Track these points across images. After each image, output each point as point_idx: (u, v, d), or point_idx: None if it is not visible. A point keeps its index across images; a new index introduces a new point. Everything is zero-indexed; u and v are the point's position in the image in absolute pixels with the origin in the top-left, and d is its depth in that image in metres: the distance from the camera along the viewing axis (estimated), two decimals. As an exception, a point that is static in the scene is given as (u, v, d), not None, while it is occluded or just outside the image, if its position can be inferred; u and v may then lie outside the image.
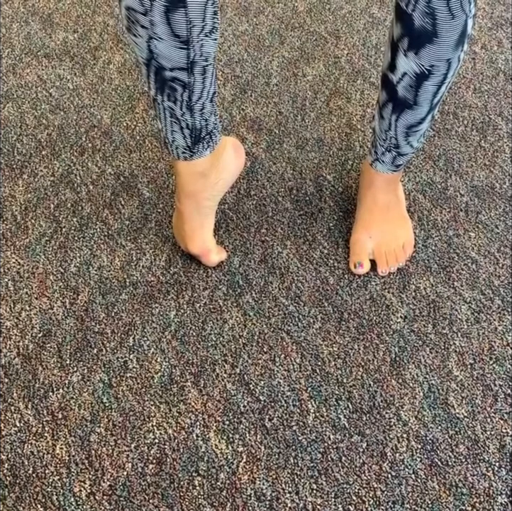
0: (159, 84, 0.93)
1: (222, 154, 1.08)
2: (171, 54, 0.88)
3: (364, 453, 0.99)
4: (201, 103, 0.96)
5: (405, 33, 0.93)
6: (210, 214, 1.12)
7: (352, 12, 1.65)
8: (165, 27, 0.84)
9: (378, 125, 1.10)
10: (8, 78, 1.48)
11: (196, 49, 0.88)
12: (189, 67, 0.90)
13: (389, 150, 1.10)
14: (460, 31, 0.91)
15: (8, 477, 0.96)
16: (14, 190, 1.28)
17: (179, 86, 0.93)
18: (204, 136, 1.01)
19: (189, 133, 1.00)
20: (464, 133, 1.39)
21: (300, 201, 1.27)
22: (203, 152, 1.03)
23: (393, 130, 1.07)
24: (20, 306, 1.13)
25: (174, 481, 0.96)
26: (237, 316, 1.12)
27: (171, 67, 0.90)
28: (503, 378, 1.06)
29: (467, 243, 1.21)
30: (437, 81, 0.97)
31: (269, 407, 1.03)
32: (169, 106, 0.96)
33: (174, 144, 1.02)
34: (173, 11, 0.82)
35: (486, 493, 0.95)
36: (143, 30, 0.85)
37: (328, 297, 1.14)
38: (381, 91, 1.05)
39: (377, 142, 1.12)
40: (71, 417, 1.01)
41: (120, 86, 1.47)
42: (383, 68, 1.03)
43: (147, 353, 1.08)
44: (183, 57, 0.89)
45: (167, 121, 0.99)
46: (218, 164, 1.07)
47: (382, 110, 1.06)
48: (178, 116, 0.97)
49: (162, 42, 0.86)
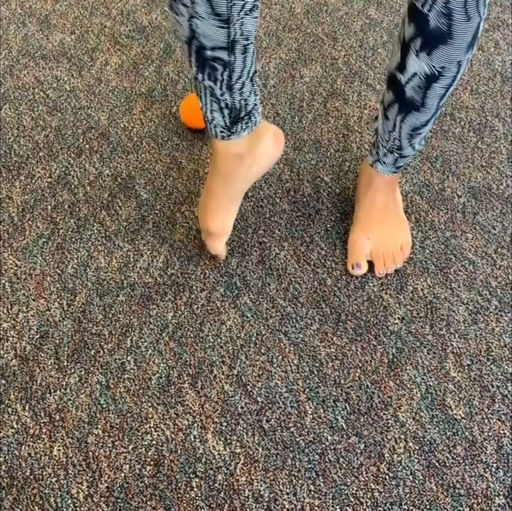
0: (200, 63, 0.93)
1: (261, 139, 1.07)
2: (211, 33, 0.87)
3: (361, 455, 0.99)
4: (241, 82, 0.96)
5: (418, 33, 0.92)
6: (238, 199, 1.10)
7: (349, 14, 1.65)
8: (206, 5, 0.84)
9: (381, 126, 1.09)
10: (5, 79, 1.48)
11: (236, 28, 0.88)
12: (230, 46, 0.90)
13: (392, 151, 1.10)
14: (473, 33, 0.91)
15: (6, 479, 0.96)
16: (11, 191, 1.28)
17: (220, 66, 0.92)
18: (243, 117, 1.00)
19: (228, 112, 0.99)
20: (461, 134, 1.39)
21: (297, 202, 1.28)
22: (241, 132, 1.02)
23: (397, 131, 1.06)
24: (17, 308, 1.13)
25: (171, 483, 0.96)
26: (234, 318, 1.12)
27: (212, 46, 0.89)
28: (501, 379, 1.06)
29: (464, 244, 1.21)
30: (447, 84, 0.97)
31: (267, 408, 1.03)
32: (210, 85, 0.95)
33: (213, 123, 1.01)
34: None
35: (484, 494, 0.95)
36: (184, 9, 0.85)
37: (326, 298, 1.14)
38: (387, 92, 1.04)
39: (379, 143, 1.11)
40: (68, 419, 1.01)
41: (117, 88, 1.47)
42: (390, 68, 1.02)
43: (144, 355, 1.08)
44: (224, 36, 0.88)
45: (207, 100, 0.98)
46: (256, 148, 1.06)
47: (387, 110, 1.06)
48: (218, 96, 0.97)
49: (203, 21, 0.86)
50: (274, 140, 1.09)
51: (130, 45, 1.56)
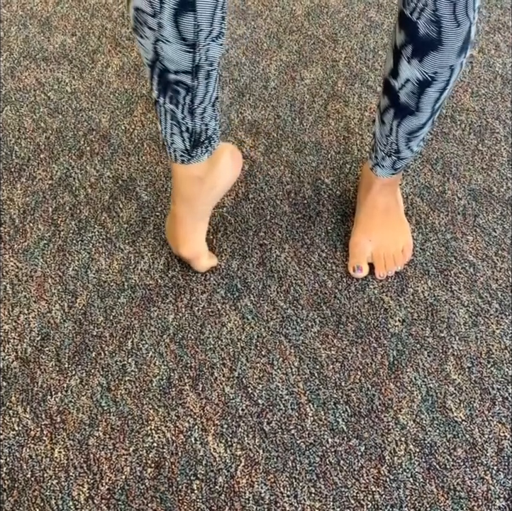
0: (162, 86, 0.93)
1: (219, 160, 1.08)
2: (176, 57, 0.88)
3: (362, 457, 0.99)
4: (202, 107, 0.97)
5: (409, 40, 0.93)
6: (204, 219, 1.12)
7: (350, 15, 1.65)
8: (173, 30, 0.84)
9: (378, 130, 1.10)
10: (6, 81, 1.48)
11: (201, 53, 0.88)
12: (194, 71, 0.91)
13: (389, 154, 1.10)
14: (464, 38, 0.91)
15: (7, 481, 0.96)
16: (12, 193, 1.28)
17: (182, 90, 0.93)
18: (203, 141, 1.02)
19: (188, 136, 1.00)
20: (461, 136, 1.39)
21: (298, 204, 1.28)
22: (201, 156, 1.03)
23: (394, 135, 1.07)
24: (18, 310, 1.13)
25: (172, 485, 0.96)
26: (235, 320, 1.12)
27: (175, 70, 0.90)
28: (501, 382, 1.06)
29: (465, 247, 1.22)
30: (440, 88, 0.97)
31: (268, 410, 1.03)
32: (171, 108, 0.96)
33: (172, 147, 1.02)
34: (182, 14, 0.82)
35: (485, 497, 0.95)
36: (150, 32, 0.85)
37: (326, 300, 1.15)
38: (383, 97, 1.05)
39: (377, 147, 1.12)
40: (69, 421, 1.01)
41: (118, 90, 1.47)
42: (385, 74, 1.02)
43: (145, 357, 1.08)
44: (188, 61, 0.89)
45: (167, 124, 0.99)
46: (215, 169, 1.07)
47: (383, 115, 1.06)
48: (179, 119, 0.98)
49: (169, 45, 0.86)
50: (231, 160, 1.10)
51: (131, 47, 1.57)
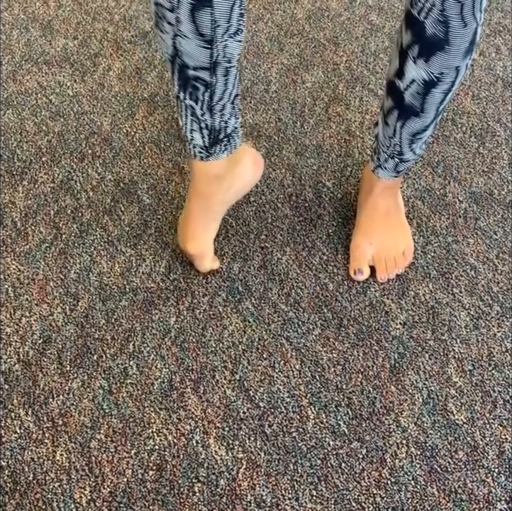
0: (182, 82, 0.93)
1: (240, 162, 1.07)
2: (194, 52, 0.88)
3: (363, 460, 0.99)
4: (221, 104, 0.96)
5: (415, 40, 0.93)
6: (217, 219, 1.12)
7: (351, 19, 1.66)
8: (190, 25, 0.85)
9: (382, 132, 1.10)
10: (8, 85, 1.49)
11: (219, 49, 0.88)
12: (212, 67, 0.91)
13: (392, 156, 1.11)
14: (470, 39, 0.91)
15: (9, 484, 0.96)
16: (14, 197, 1.29)
17: (201, 86, 0.93)
18: (222, 138, 1.01)
19: (208, 133, 1.00)
20: (462, 139, 1.40)
21: (299, 207, 1.28)
22: (220, 154, 1.03)
23: (397, 137, 1.07)
24: (20, 313, 1.13)
25: (174, 488, 0.96)
26: (236, 323, 1.12)
27: (194, 66, 0.90)
28: (502, 384, 1.06)
29: (466, 250, 1.22)
30: (445, 89, 0.98)
31: (269, 413, 1.03)
32: (191, 104, 0.96)
33: (192, 143, 1.02)
34: (199, 9, 0.83)
35: (486, 499, 0.96)
36: (169, 27, 0.86)
37: (328, 303, 1.15)
38: (387, 98, 1.05)
39: (380, 149, 1.12)
40: (71, 424, 1.02)
41: (120, 93, 1.48)
42: (389, 75, 1.03)
43: (147, 360, 1.08)
44: (206, 57, 0.89)
45: (187, 119, 0.99)
46: (234, 170, 1.07)
47: (387, 117, 1.06)
48: (198, 116, 0.97)
49: (187, 40, 0.87)
50: (252, 163, 1.10)
51: (133, 50, 1.57)
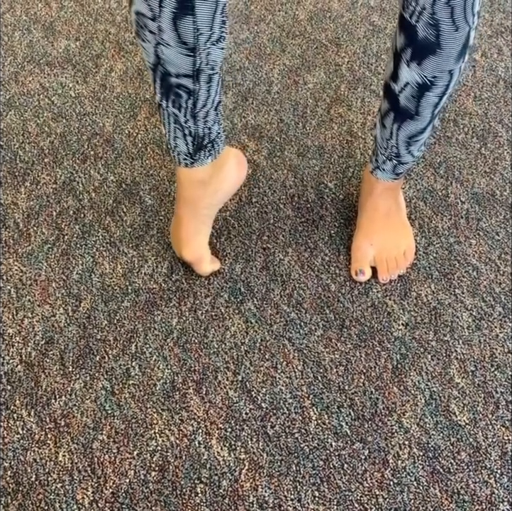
0: (164, 90, 0.94)
1: (224, 164, 1.08)
2: (177, 60, 0.88)
3: (366, 461, 0.99)
4: (205, 111, 0.97)
5: (408, 43, 0.93)
6: (208, 222, 1.12)
7: (353, 20, 1.66)
8: (173, 33, 0.85)
9: (379, 134, 1.10)
10: (10, 86, 1.49)
11: (202, 57, 0.88)
12: (195, 75, 0.91)
13: (390, 158, 1.11)
14: (463, 43, 0.91)
15: (11, 485, 0.96)
16: (16, 198, 1.29)
17: (184, 93, 0.93)
18: (206, 144, 1.02)
19: (191, 140, 1.00)
20: (464, 140, 1.40)
21: (301, 208, 1.28)
22: (205, 160, 1.04)
23: (394, 139, 1.07)
24: (22, 314, 1.13)
25: (176, 488, 0.96)
26: (238, 324, 1.12)
27: (176, 74, 0.90)
28: (505, 385, 1.06)
29: (468, 250, 1.22)
30: (439, 92, 0.98)
31: (271, 414, 1.03)
32: (174, 112, 0.96)
33: (176, 150, 1.02)
34: (181, 17, 0.83)
35: (488, 500, 0.95)
36: (151, 36, 0.86)
37: (330, 304, 1.15)
38: (383, 100, 1.05)
39: (378, 150, 1.12)
40: (73, 424, 1.02)
41: (122, 94, 1.48)
42: (385, 77, 1.03)
43: (149, 361, 1.08)
44: (189, 64, 0.89)
45: (170, 127, 1.00)
46: (219, 174, 1.07)
47: (384, 119, 1.07)
48: (181, 123, 0.98)
49: (169, 49, 0.86)
50: (236, 164, 1.10)
51: (135, 51, 1.57)
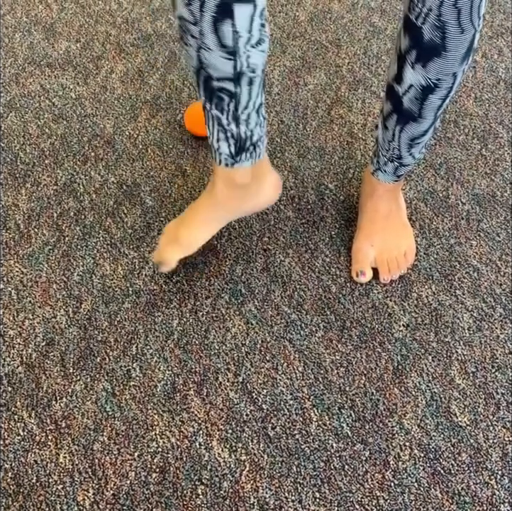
0: (207, 93, 0.94)
1: (264, 179, 1.09)
2: (218, 64, 0.89)
3: (367, 462, 0.99)
4: (246, 113, 0.97)
5: (413, 45, 0.93)
6: (220, 225, 1.12)
7: (353, 21, 1.66)
8: (213, 37, 0.86)
9: (381, 136, 1.10)
10: (11, 87, 1.49)
11: (242, 60, 0.89)
12: (236, 78, 0.92)
13: (392, 160, 1.11)
14: (468, 45, 0.91)
15: (12, 486, 0.96)
16: (17, 199, 1.29)
17: (226, 96, 0.94)
18: (248, 147, 1.02)
19: (234, 142, 1.01)
20: (465, 141, 1.40)
21: (302, 209, 1.28)
22: (245, 162, 1.04)
23: (396, 141, 1.07)
24: (23, 315, 1.13)
25: (177, 490, 0.96)
26: (239, 325, 1.12)
27: (218, 77, 0.91)
28: (506, 386, 1.06)
29: (469, 252, 1.22)
30: (443, 95, 0.98)
31: (272, 415, 1.03)
32: (216, 114, 0.97)
33: (218, 151, 1.03)
34: (221, 21, 0.84)
35: (489, 502, 0.95)
36: (193, 40, 0.87)
37: (330, 305, 1.15)
38: (386, 102, 1.05)
39: (380, 152, 1.12)
40: (74, 426, 1.02)
41: (122, 96, 1.48)
42: (388, 79, 1.03)
43: (150, 362, 1.08)
44: (230, 68, 0.90)
45: (214, 129, 1.00)
46: (258, 184, 1.08)
47: (386, 121, 1.07)
48: (224, 125, 0.99)
49: (210, 52, 0.88)
50: (274, 184, 1.11)
51: (135, 53, 1.57)
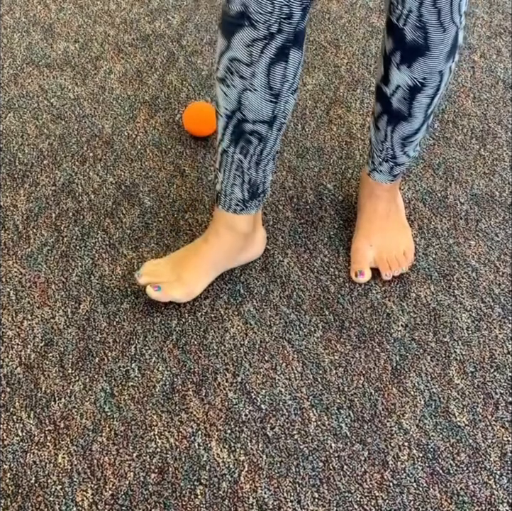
0: (235, 136, 0.97)
1: (258, 231, 1.15)
2: (259, 106, 0.93)
3: (365, 462, 0.99)
4: (267, 159, 1.01)
5: (397, 47, 0.94)
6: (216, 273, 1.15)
7: (352, 21, 1.66)
8: (264, 78, 0.90)
9: (374, 136, 1.11)
10: (9, 88, 1.49)
11: (281, 104, 0.93)
12: (271, 121, 0.95)
13: (386, 160, 1.11)
14: (451, 43, 0.92)
15: (11, 487, 0.96)
16: (16, 200, 1.29)
17: (256, 139, 0.97)
18: (260, 193, 1.06)
19: (248, 187, 1.04)
20: (463, 141, 1.40)
21: (300, 209, 1.28)
22: (252, 209, 1.08)
23: (389, 141, 1.08)
24: (22, 316, 1.13)
25: (176, 490, 0.96)
26: (238, 325, 1.12)
27: (254, 120, 0.94)
28: (504, 386, 1.06)
29: (467, 251, 1.22)
30: (431, 93, 0.99)
31: (271, 415, 1.03)
32: (239, 158, 1.00)
33: (230, 196, 1.06)
34: (276, 63, 0.88)
35: (488, 501, 0.95)
36: (240, 81, 0.90)
37: (329, 305, 1.15)
38: (376, 103, 1.06)
39: (374, 153, 1.13)
40: (73, 426, 1.02)
41: (121, 96, 1.48)
42: (377, 80, 1.04)
43: (148, 362, 1.08)
44: (269, 110, 0.93)
45: (230, 173, 1.03)
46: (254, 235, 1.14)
47: (377, 121, 1.07)
48: (244, 169, 1.02)
49: (255, 94, 0.91)
50: (264, 238, 1.18)
51: (134, 53, 1.57)
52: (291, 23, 0.86)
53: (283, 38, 0.87)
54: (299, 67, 0.92)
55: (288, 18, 0.85)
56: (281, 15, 0.85)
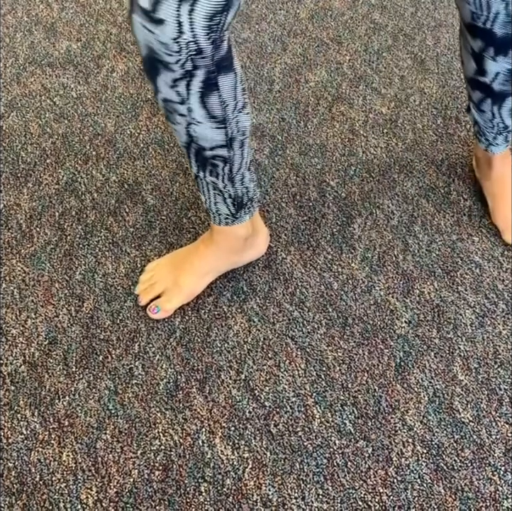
0: (200, 163, 0.97)
1: (259, 233, 1.14)
2: (210, 134, 0.91)
3: (369, 458, 0.99)
4: (240, 173, 1.01)
5: (488, 44, 0.99)
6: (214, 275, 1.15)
7: (354, 18, 1.66)
8: (202, 111, 0.88)
9: (480, 118, 1.15)
10: (12, 87, 1.49)
11: (232, 126, 0.92)
12: (229, 143, 0.94)
13: (500, 133, 1.16)
14: None
15: (15, 485, 0.97)
16: (19, 198, 1.29)
17: (220, 162, 0.97)
18: (246, 202, 1.06)
19: (232, 201, 1.04)
20: (466, 137, 1.39)
21: (303, 207, 1.28)
22: (244, 217, 1.08)
23: (497, 117, 1.12)
24: (25, 314, 1.13)
25: (180, 488, 0.96)
26: (241, 322, 1.12)
27: (211, 147, 0.94)
28: (508, 382, 1.06)
29: (471, 248, 1.22)
30: None
31: (275, 412, 1.03)
32: (212, 180, 1.00)
33: (217, 213, 1.06)
34: (208, 94, 0.86)
35: (492, 497, 0.95)
36: (181, 118, 0.89)
37: (332, 302, 1.15)
38: (473, 91, 1.10)
39: (485, 130, 1.17)
40: (77, 424, 1.02)
41: (123, 95, 1.48)
42: (468, 74, 1.08)
43: (152, 360, 1.08)
44: (221, 136, 0.92)
45: (210, 194, 1.03)
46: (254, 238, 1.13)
47: (480, 105, 1.12)
48: (220, 188, 1.01)
49: (201, 126, 0.90)
50: (266, 237, 1.17)
51: (136, 51, 1.57)
52: (204, 58, 0.81)
53: (203, 72, 0.82)
54: (237, 86, 0.88)
55: (199, 54, 0.80)
56: (190, 52, 0.79)
